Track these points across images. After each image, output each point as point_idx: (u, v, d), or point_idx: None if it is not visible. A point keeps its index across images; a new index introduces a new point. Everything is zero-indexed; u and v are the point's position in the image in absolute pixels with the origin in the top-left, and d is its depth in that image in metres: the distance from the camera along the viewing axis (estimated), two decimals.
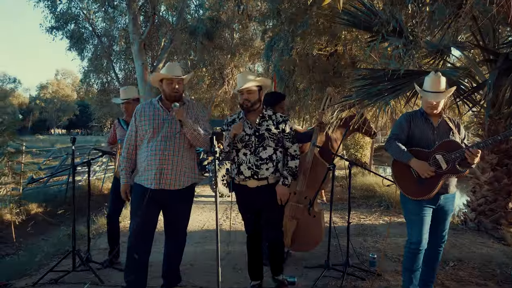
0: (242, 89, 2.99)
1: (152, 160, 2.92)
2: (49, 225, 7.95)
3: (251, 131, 3.01)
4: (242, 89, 2.98)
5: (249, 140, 2.99)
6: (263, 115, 3.08)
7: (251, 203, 3.07)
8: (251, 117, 3.07)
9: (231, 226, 5.61)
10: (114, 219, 3.87)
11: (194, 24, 14.55)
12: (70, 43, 11.77)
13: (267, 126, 3.03)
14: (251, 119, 3.06)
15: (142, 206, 2.91)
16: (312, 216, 3.80)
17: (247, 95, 3.00)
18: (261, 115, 3.07)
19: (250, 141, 2.99)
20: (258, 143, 2.99)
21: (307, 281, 3.45)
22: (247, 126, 3.03)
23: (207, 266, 3.89)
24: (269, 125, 3.04)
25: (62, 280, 3.40)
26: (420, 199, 2.85)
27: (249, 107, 3.02)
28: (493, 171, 5.47)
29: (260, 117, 3.06)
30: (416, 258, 2.86)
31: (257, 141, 2.99)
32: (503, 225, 5.35)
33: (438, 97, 2.85)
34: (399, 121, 3.05)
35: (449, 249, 4.58)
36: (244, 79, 3.02)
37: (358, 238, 4.98)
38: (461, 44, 5.57)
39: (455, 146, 2.79)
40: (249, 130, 3.02)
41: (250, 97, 3.00)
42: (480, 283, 3.60)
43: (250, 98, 3.00)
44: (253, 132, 3.01)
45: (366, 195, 8.46)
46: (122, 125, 3.96)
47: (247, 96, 3.00)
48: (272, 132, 3.01)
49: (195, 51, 17.27)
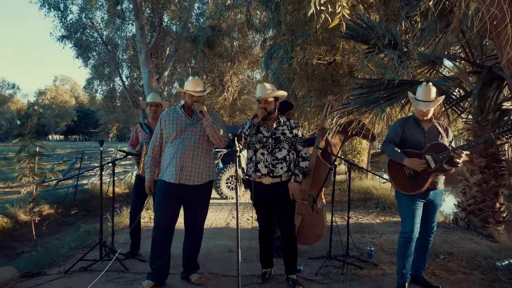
0: (261, 99, 3.38)
1: (174, 159, 3.30)
2: (61, 225, 8.28)
3: (268, 134, 3.40)
4: (261, 98, 3.38)
5: (267, 141, 3.37)
6: (279, 121, 3.47)
7: (265, 198, 3.43)
8: (268, 122, 3.45)
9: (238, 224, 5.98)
10: (136, 215, 4.23)
11: (195, 33, 14.99)
12: (77, 51, 12.19)
13: (282, 131, 3.42)
14: (268, 124, 3.45)
15: (165, 199, 3.30)
16: (315, 212, 4.19)
17: (264, 104, 3.38)
18: (277, 121, 3.46)
19: (267, 143, 3.37)
20: (274, 144, 3.37)
21: (312, 269, 3.83)
22: (265, 130, 3.42)
23: (220, 257, 4.27)
24: (284, 130, 3.43)
25: (91, 268, 3.75)
26: (413, 194, 3.25)
27: (265, 116, 3.39)
28: (481, 173, 5.88)
29: (277, 122, 3.45)
30: (409, 245, 3.25)
31: (273, 143, 3.37)
32: (491, 223, 5.75)
33: (428, 105, 3.26)
34: (393, 126, 3.46)
35: (440, 244, 4.98)
36: (262, 90, 3.40)
37: (356, 235, 5.36)
38: (452, 56, 6.02)
39: (443, 148, 3.20)
40: (266, 133, 3.40)
41: (267, 107, 3.38)
42: (467, 272, 3.99)
43: (267, 107, 3.38)
44: (270, 135, 3.39)
45: (363, 197, 8.85)
46: (144, 129, 4.35)
47: (264, 105, 3.38)
48: (287, 136, 3.40)
49: (196, 58, 17.73)
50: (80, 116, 66.56)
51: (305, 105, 10.58)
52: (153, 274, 3.30)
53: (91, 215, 9.42)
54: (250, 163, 3.41)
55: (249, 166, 3.43)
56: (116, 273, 3.68)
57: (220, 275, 3.67)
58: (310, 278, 3.60)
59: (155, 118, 4.30)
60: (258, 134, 3.40)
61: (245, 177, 3.49)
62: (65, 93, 69.57)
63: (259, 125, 3.45)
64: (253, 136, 3.27)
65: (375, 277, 3.70)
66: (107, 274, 3.61)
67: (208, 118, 3.29)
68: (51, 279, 3.53)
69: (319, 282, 3.51)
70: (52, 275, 3.67)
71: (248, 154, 3.43)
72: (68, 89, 72.33)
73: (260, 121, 3.42)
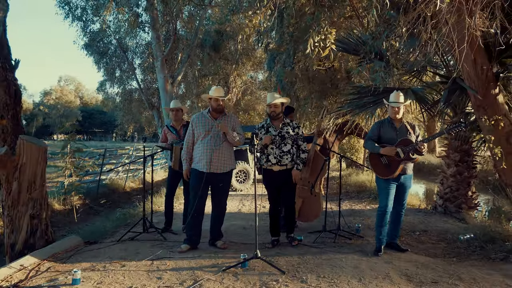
0: (271, 104, 4.41)
1: (204, 153, 4.32)
2: (88, 214, 9.28)
3: (275, 132, 4.43)
4: (271, 104, 4.41)
5: (275, 138, 4.41)
6: (284, 122, 4.50)
7: (274, 182, 4.48)
8: (275, 123, 4.49)
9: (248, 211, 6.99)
10: (170, 198, 5.25)
11: (202, 37, 16.00)
12: (96, 57, 13.25)
13: (286, 130, 4.45)
14: (275, 124, 4.48)
15: (198, 184, 4.31)
16: (314, 196, 5.21)
17: (274, 108, 4.42)
18: (283, 122, 4.49)
19: (275, 140, 4.41)
20: (280, 141, 4.41)
21: (310, 239, 4.83)
22: (273, 129, 4.44)
23: (236, 232, 5.30)
24: (288, 129, 4.46)
25: (137, 238, 4.77)
26: (387, 178, 4.25)
27: (274, 116, 4.45)
28: (456, 166, 6.88)
29: (282, 123, 4.48)
30: (384, 217, 4.25)
31: (280, 139, 4.41)
32: (464, 209, 6.75)
33: (398, 105, 4.25)
34: (372, 127, 4.48)
35: (417, 224, 5.99)
36: (272, 97, 4.45)
37: (349, 217, 6.36)
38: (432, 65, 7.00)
39: (409, 142, 4.20)
40: (274, 132, 4.43)
41: (276, 110, 4.43)
42: (434, 243, 5.00)
43: (276, 110, 4.43)
44: (277, 133, 4.43)
45: (358, 189, 9.90)
46: (171, 131, 5.35)
47: (274, 109, 4.42)
48: (290, 134, 4.43)
49: (202, 61, 18.72)
50: (84, 116, 67.61)
51: (306, 106, 11.54)
52: (189, 239, 4.32)
53: (113, 206, 10.46)
54: (263, 155, 4.43)
55: (262, 158, 4.45)
56: (158, 241, 4.70)
57: (239, 243, 4.69)
58: (309, 245, 4.60)
59: (177, 120, 5.38)
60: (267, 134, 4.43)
61: (259, 165, 4.52)
62: (70, 93, 70.49)
63: (268, 126, 4.48)
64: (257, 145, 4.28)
65: (360, 244, 4.71)
66: (151, 242, 4.63)
67: (229, 134, 4.31)
68: (108, 245, 4.55)
69: (316, 247, 4.51)
70: (107, 243, 4.69)
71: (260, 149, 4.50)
72: (72, 89, 73.35)
73: (269, 122, 4.46)
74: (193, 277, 3.43)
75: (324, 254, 4.17)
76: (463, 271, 3.69)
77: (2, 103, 4.73)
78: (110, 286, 3.23)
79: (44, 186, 4.52)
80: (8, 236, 4.31)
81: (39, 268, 3.66)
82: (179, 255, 4.11)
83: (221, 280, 3.36)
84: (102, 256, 4.07)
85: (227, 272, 3.55)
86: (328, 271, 3.58)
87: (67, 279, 3.31)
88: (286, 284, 3.27)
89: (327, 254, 4.15)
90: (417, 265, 3.85)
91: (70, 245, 4.44)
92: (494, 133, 4.75)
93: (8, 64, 4.96)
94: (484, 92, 4.77)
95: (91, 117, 68.31)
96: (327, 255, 4.12)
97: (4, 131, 4.70)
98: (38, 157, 4.40)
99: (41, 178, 4.45)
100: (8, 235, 4.30)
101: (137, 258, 3.99)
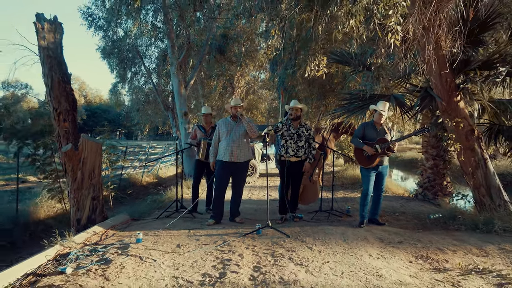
0: (293, 107, 5.68)
1: (227, 147, 5.56)
2: (114, 204, 10.53)
3: (294, 131, 5.70)
4: (293, 107, 5.68)
5: (293, 135, 5.68)
6: (301, 124, 5.77)
7: (289, 169, 5.72)
8: (294, 123, 5.75)
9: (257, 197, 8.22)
10: (196, 186, 6.50)
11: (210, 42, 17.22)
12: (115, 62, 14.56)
13: (302, 130, 5.73)
14: (293, 124, 5.75)
15: (222, 172, 5.55)
16: (312, 183, 6.45)
17: (294, 111, 5.69)
18: (300, 124, 5.76)
19: (294, 136, 5.68)
20: (297, 137, 5.69)
21: (308, 217, 6.08)
22: (292, 128, 5.70)
23: (248, 213, 6.55)
24: (302, 130, 5.74)
25: (171, 216, 6.01)
26: (368, 167, 5.49)
27: (294, 118, 5.70)
28: (433, 160, 8.13)
29: (299, 125, 5.75)
30: (366, 197, 5.49)
31: (296, 136, 5.69)
32: (439, 196, 8.00)
33: (384, 112, 5.47)
34: (358, 128, 5.71)
35: (398, 208, 7.23)
36: (295, 102, 5.73)
37: (342, 203, 7.60)
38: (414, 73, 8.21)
39: (385, 141, 5.43)
40: (293, 130, 5.71)
41: (296, 113, 5.70)
42: (409, 220, 6.24)
43: (296, 113, 5.70)
44: (295, 132, 5.70)
45: (353, 182, 11.12)
46: (200, 129, 6.60)
47: (295, 112, 5.69)
48: (304, 134, 5.71)
49: (209, 63, 19.98)
50: (88, 115, 68.83)
51: (307, 106, 12.78)
52: (215, 215, 5.57)
53: (133, 198, 11.71)
54: (282, 148, 5.71)
55: (282, 150, 5.73)
56: (188, 218, 5.94)
57: (252, 219, 5.94)
58: (308, 220, 5.85)
59: (207, 123, 6.63)
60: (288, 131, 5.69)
61: (278, 156, 5.79)
62: (74, 92, 71.49)
63: (288, 125, 5.74)
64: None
65: (349, 221, 5.95)
66: (183, 219, 5.88)
67: (245, 119, 5.57)
68: (149, 222, 5.79)
69: (313, 222, 5.75)
70: (148, 220, 5.94)
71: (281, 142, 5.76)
72: (76, 88, 74.52)
73: (290, 122, 5.73)
74: (222, 239, 4.67)
75: (319, 226, 5.42)
76: (424, 236, 4.93)
77: (65, 109, 5.96)
78: (164, 244, 4.47)
79: (100, 174, 5.76)
80: (74, 213, 5.55)
81: (107, 234, 4.91)
82: (208, 227, 5.36)
83: (243, 241, 4.59)
84: (148, 228, 5.32)
85: (246, 236, 4.79)
86: (321, 235, 4.82)
87: (131, 239, 4.56)
88: (291, 242, 4.51)
89: (321, 226, 5.39)
90: (389, 232, 5.09)
91: (122, 221, 5.69)
92: (455, 132, 5.97)
93: (66, 78, 6.19)
94: (448, 99, 6.01)
95: (94, 115, 69.63)
96: (322, 226, 5.37)
97: (67, 132, 5.92)
98: (96, 152, 5.64)
99: (98, 168, 5.70)
100: (74, 212, 5.55)
101: (175, 228, 5.24)
